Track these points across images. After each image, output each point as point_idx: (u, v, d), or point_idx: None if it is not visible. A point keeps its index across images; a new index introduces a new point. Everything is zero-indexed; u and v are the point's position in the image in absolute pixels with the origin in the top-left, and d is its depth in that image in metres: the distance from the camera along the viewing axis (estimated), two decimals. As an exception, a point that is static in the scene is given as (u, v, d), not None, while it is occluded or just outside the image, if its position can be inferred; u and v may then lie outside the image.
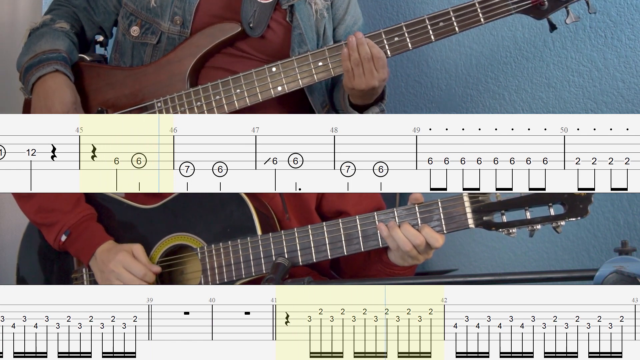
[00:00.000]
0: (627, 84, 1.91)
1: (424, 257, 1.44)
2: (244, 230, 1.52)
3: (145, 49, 1.81)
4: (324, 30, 1.82)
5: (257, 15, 1.74)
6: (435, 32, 1.65)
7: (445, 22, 1.64)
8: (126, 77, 1.79)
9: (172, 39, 1.78)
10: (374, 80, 1.64)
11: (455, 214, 1.39)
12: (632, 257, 1.12)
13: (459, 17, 1.64)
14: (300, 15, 1.78)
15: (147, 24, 1.80)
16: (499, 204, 1.36)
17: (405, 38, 1.65)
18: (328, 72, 1.69)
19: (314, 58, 1.68)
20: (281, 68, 1.69)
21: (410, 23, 1.65)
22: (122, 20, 1.84)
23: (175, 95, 1.73)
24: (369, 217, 1.44)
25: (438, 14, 1.65)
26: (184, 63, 1.75)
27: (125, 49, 1.84)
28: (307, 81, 1.69)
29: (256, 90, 1.70)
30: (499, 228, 1.36)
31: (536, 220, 1.33)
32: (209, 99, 1.71)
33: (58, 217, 1.62)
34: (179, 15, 1.76)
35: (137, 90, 1.77)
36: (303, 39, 1.77)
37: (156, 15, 1.79)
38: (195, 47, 1.75)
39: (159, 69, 1.77)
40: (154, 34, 1.79)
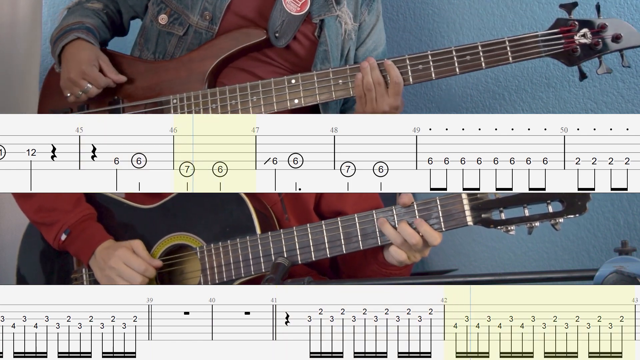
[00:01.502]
0: (627, 84, 1.91)
1: (421, 255, 1.44)
2: (243, 230, 1.52)
3: (170, 38, 1.81)
4: (348, 51, 1.83)
5: (284, 26, 1.74)
6: (461, 64, 1.62)
7: (472, 56, 1.61)
8: (147, 69, 1.79)
9: (199, 33, 1.77)
10: (384, 105, 1.63)
11: (453, 211, 1.39)
12: (632, 257, 1.12)
13: (487, 53, 1.61)
14: (328, 32, 1.77)
15: (176, 14, 1.80)
16: (497, 202, 1.37)
17: (429, 67, 1.63)
18: (347, 91, 1.67)
19: (335, 75, 1.67)
20: (300, 81, 1.68)
21: (437, 52, 1.63)
22: (152, 7, 1.84)
23: (192, 94, 1.73)
24: (368, 215, 1.44)
25: (466, 47, 1.62)
26: (206, 63, 1.75)
27: (151, 35, 1.84)
28: (324, 97, 1.68)
29: (273, 100, 1.69)
30: (497, 225, 1.37)
31: (534, 217, 1.34)
32: (225, 102, 1.71)
33: (58, 217, 1.62)
34: (209, 10, 1.76)
35: (155, 84, 1.77)
36: (327, 56, 1.77)
37: (186, 7, 1.78)
38: (218, 49, 1.75)
39: (180, 65, 1.77)
40: (182, 25, 1.79)
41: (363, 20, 1.86)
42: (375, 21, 1.89)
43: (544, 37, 1.60)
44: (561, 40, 1.60)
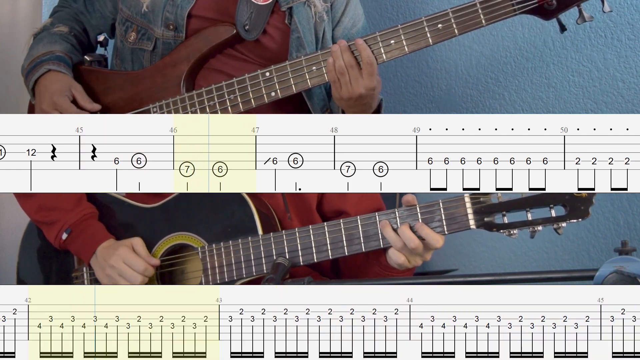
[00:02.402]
0: (627, 84, 1.91)
1: (422, 259, 1.44)
2: (245, 230, 1.52)
3: (143, 54, 1.80)
4: (323, 33, 1.78)
5: (253, 18, 1.71)
6: (434, 34, 1.57)
7: (444, 24, 1.56)
8: (124, 81, 1.78)
9: (167, 44, 1.76)
10: (359, 87, 1.59)
11: (456, 214, 1.38)
12: (632, 257, 1.12)
13: (459, 19, 1.56)
14: (299, 18, 1.74)
15: (143, 30, 1.79)
16: (500, 205, 1.36)
17: (401, 40, 1.59)
18: (322, 77, 1.64)
19: (307, 62, 1.64)
20: (274, 73, 1.65)
21: (407, 25, 1.58)
22: (119, 26, 1.84)
23: (170, 100, 1.72)
24: (371, 217, 1.44)
25: (436, 15, 1.57)
26: (180, 67, 1.73)
27: (125, 54, 1.83)
28: (300, 87, 1.65)
29: (249, 96, 1.67)
30: (500, 229, 1.36)
31: (537, 221, 1.33)
32: (203, 104, 1.69)
33: (59, 216, 1.62)
34: (171, 20, 1.74)
35: (135, 94, 1.76)
36: (301, 43, 1.73)
37: (149, 21, 1.77)
38: (190, 51, 1.73)
39: (155, 72, 1.76)
40: (150, 39, 1.78)
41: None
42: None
43: None
44: None
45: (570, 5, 1.53)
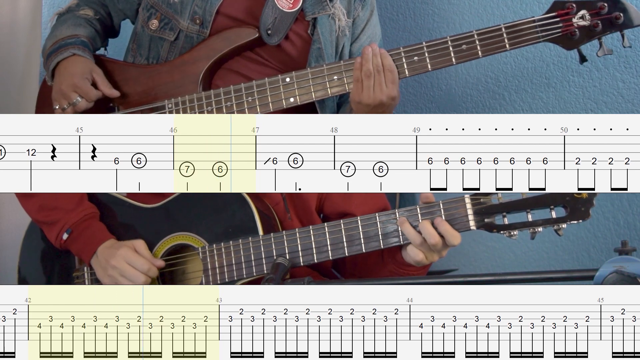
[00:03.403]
0: (627, 84, 1.91)
1: (438, 256, 1.44)
2: (245, 230, 1.52)
3: (162, 43, 1.79)
4: (342, 47, 1.81)
5: (276, 23, 1.72)
6: (457, 54, 1.59)
7: (468, 45, 1.58)
8: (140, 74, 1.78)
9: (190, 37, 1.76)
10: (382, 94, 1.60)
11: (457, 215, 1.39)
12: (632, 257, 1.12)
13: (483, 41, 1.58)
14: (322, 29, 1.75)
15: (167, 19, 1.78)
16: (500, 206, 1.36)
17: (425, 58, 1.60)
18: (342, 87, 1.65)
19: (329, 71, 1.65)
20: (295, 79, 1.66)
21: (432, 43, 1.60)
22: (143, 12, 1.83)
23: (187, 97, 1.72)
24: (371, 218, 1.44)
25: (462, 35, 1.59)
26: (198, 65, 1.73)
27: (143, 41, 1.83)
28: (320, 94, 1.66)
29: (268, 100, 1.67)
30: (500, 230, 1.36)
31: (538, 222, 1.33)
32: (220, 104, 1.70)
33: (60, 216, 1.62)
34: (199, 14, 1.75)
35: (150, 89, 1.76)
36: (321, 54, 1.75)
37: (176, 12, 1.77)
38: (210, 50, 1.73)
39: (173, 69, 1.76)
40: (173, 30, 1.78)
41: (357, 15, 1.83)
42: (369, 16, 1.86)
43: (541, 21, 1.57)
44: (559, 24, 1.56)
45: (592, 37, 1.56)
